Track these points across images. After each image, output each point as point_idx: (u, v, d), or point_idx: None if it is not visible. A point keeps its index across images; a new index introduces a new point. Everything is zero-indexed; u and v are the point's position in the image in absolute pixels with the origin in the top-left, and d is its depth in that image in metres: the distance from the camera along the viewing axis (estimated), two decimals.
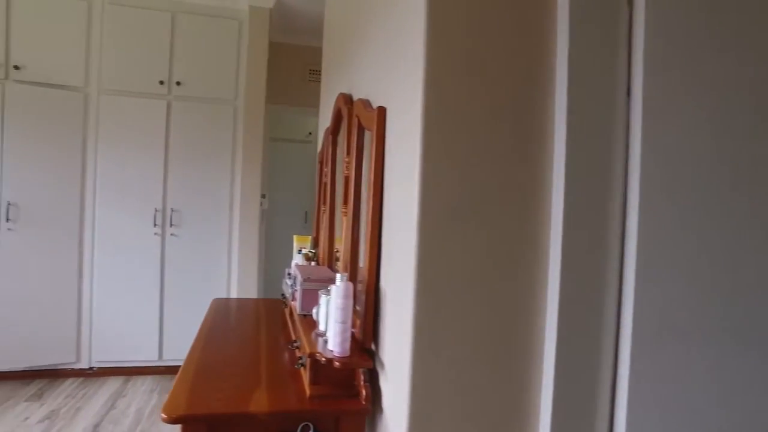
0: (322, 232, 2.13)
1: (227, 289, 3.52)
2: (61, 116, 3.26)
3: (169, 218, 3.41)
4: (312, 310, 1.62)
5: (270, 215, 4.37)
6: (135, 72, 3.37)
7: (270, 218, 4.42)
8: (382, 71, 1.42)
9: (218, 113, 3.48)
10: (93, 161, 3.33)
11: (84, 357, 3.37)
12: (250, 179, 3.50)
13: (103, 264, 3.35)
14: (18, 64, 3.21)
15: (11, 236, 3.19)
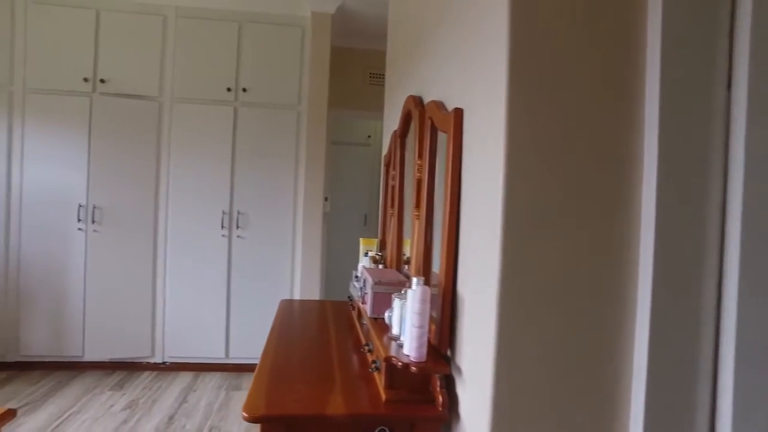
0: (389, 234, 2.13)
1: (290, 290, 3.60)
2: (138, 124, 3.46)
3: (236, 220, 3.53)
4: (383, 313, 1.62)
5: (329, 217, 4.44)
6: (204, 80, 3.52)
7: (329, 220, 4.49)
8: (456, 72, 1.40)
9: (282, 118, 3.57)
10: (166, 166, 3.51)
11: (158, 352, 3.55)
12: (313, 182, 3.56)
13: (174, 264, 3.52)
14: (104, 78, 3.43)
15: (97, 237, 3.42)
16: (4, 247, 3.42)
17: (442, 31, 1.56)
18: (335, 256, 4.60)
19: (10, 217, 3.42)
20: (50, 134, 3.42)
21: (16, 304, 3.44)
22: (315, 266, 3.57)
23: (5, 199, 3.41)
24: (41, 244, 3.43)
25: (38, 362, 3.47)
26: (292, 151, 3.58)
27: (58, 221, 3.43)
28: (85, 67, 3.43)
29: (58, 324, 3.45)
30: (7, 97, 3.41)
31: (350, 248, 5.20)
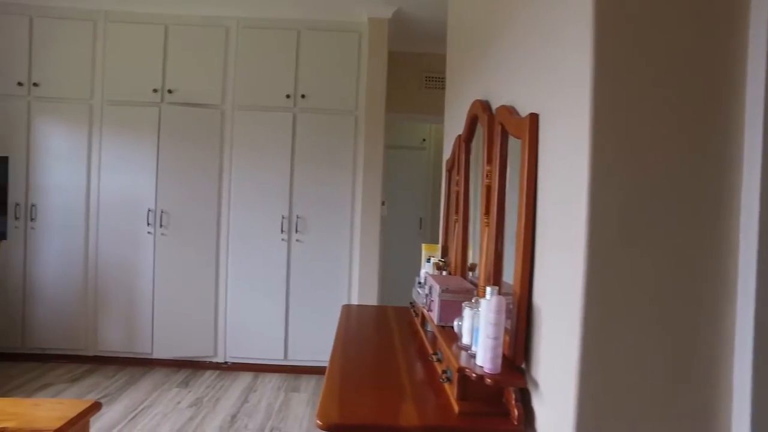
0: (453, 241, 2.09)
1: (347, 294, 3.63)
2: (202, 132, 3.60)
3: (295, 225, 3.60)
4: (451, 321, 1.59)
5: (385, 221, 4.44)
6: (264, 88, 3.62)
7: (385, 224, 4.49)
8: (530, 77, 1.35)
9: (340, 123, 3.62)
10: (228, 172, 3.63)
11: (220, 352, 3.67)
12: (371, 187, 3.58)
13: (236, 267, 3.63)
14: (171, 88, 3.60)
15: (164, 240, 3.59)
16: (83, 249, 3.65)
17: (512, 36, 1.52)
18: (390, 260, 4.59)
19: (89, 221, 3.65)
20: (123, 143, 3.63)
21: (94, 302, 3.66)
22: (372, 270, 3.59)
23: (85, 205, 3.64)
24: (115, 247, 3.64)
25: (113, 357, 3.68)
26: (350, 155, 3.62)
27: (129, 225, 3.62)
28: (154, 79, 3.62)
29: (130, 323, 3.64)
30: (87, 110, 3.64)
31: (405, 252, 5.19)
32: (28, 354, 3.68)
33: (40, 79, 3.64)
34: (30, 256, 3.65)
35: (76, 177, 3.64)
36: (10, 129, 3.64)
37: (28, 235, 3.64)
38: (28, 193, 3.64)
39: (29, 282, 3.66)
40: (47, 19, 3.64)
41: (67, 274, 3.66)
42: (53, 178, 3.64)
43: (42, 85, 3.64)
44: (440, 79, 4.24)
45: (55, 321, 3.66)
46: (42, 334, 3.66)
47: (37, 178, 3.64)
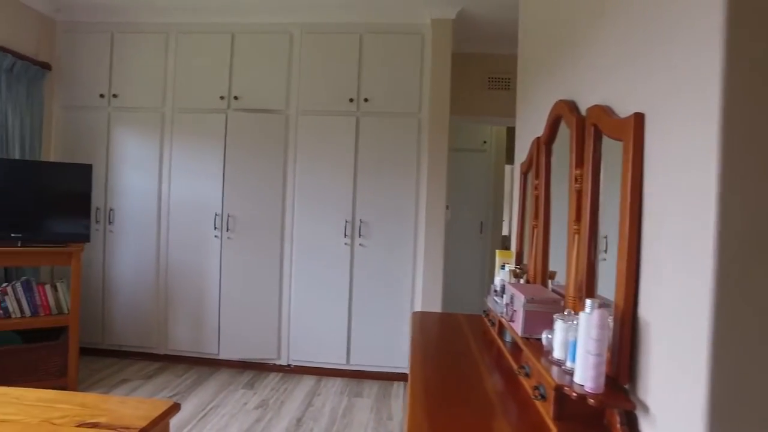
0: (531, 247, 2.00)
1: (411, 299, 3.58)
2: (266, 137, 3.66)
3: (358, 229, 3.59)
4: (536, 333, 1.50)
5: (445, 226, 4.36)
6: (327, 92, 3.64)
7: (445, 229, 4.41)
8: (632, 74, 1.25)
9: (403, 127, 3.58)
10: (292, 176, 3.68)
11: (283, 354, 3.71)
12: (436, 191, 3.52)
13: (299, 270, 3.67)
14: (237, 95, 3.70)
15: (230, 244, 3.68)
16: (155, 251, 3.81)
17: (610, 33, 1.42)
18: (451, 265, 4.51)
19: (160, 224, 3.80)
20: (192, 149, 3.76)
21: (165, 303, 3.80)
22: (437, 276, 3.52)
23: (157, 209, 3.80)
24: (184, 250, 3.77)
25: (182, 356, 3.80)
26: (413, 159, 3.57)
27: (197, 229, 3.74)
28: (221, 86, 3.72)
29: (198, 323, 3.76)
30: (159, 118, 3.80)
31: (466, 257, 5.09)
32: (107, 350, 3.88)
33: (118, 91, 3.84)
34: (108, 258, 3.85)
35: (149, 182, 3.80)
36: (93, 138, 3.86)
37: (106, 237, 3.84)
38: (107, 198, 3.84)
39: (107, 282, 3.86)
40: (126, 34, 3.84)
41: (140, 275, 3.82)
42: (129, 183, 3.83)
43: (120, 96, 3.84)
44: (504, 80, 4.14)
45: (130, 320, 3.83)
46: (119, 332, 3.85)
47: (115, 184, 3.84)
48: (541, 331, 1.53)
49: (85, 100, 3.88)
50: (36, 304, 3.16)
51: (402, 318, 3.58)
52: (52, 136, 3.93)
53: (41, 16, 3.79)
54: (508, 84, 4.17)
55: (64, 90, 3.92)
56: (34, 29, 3.75)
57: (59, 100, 3.93)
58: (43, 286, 3.19)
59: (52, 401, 1.72)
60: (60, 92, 3.93)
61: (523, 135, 2.50)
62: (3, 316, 3.08)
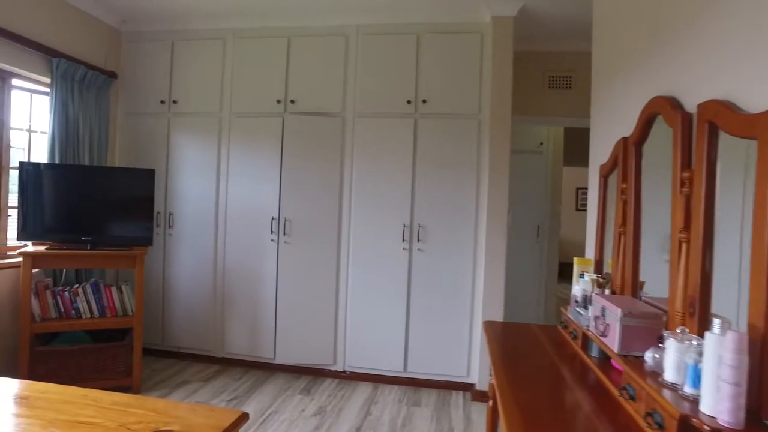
0: (618, 255, 1.85)
1: (470, 308, 3.46)
2: (323, 141, 3.64)
3: (416, 233, 3.51)
4: (637, 350, 1.37)
5: None
6: (384, 94, 3.58)
7: None
8: (761, 66, 1.11)
9: (462, 128, 3.47)
10: (349, 179, 3.63)
11: (339, 360, 3.67)
12: (497, 194, 3.38)
13: (356, 275, 3.61)
14: (293, 98, 3.70)
15: (286, 248, 3.67)
16: (212, 255, 3.85)
17: (727, 22, 1.27)
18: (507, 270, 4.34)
19: (218, 228, 3.84)
20: (249, 153, 3.78)
21: (222, 306, 3.84)
22: (498, 283, 3.38)
23: (214, 213, 3.84)
24: (240, 254, 3.79)
25: (238, 360, 3.83)
26: (473, 162, 3.45)
27: (254, 233, 3.75)
28: (277, 90, 3.73)
29: (254, 327, 3.77)
30: (217, 123, 3.85)
31: (523, 262, 4.92)
32: (167, 351, 3.95)
33: (178, 97, 3.92)
34: (168, 261, 3.93)
35: (207, 187, 3.85)
36: (154, 144, 3.95)
37: (166, 241, 3.92)
38: (167, 202, 3.92)
39: (167, 284, 3.94)
40: (185, 41, 3.91)
41: (198, 278, 3.88)
42: (187, 187, 3.89)
43: (179, 102, 3.92)
44: (565, 78, 3.96)
45: (188, 322, 3.89)
46: (178, 334, 3.91)
47: (174, 188, 3.92)
48: (640, 348, 1.40)
49: (146, 107, 3.99)
50: (103, 306, 3.24)
51: (461, 326, 3.47)
52: (116, 142, 4.06)
53: (109, 27, 3.92)
54: (569, 82, 3.99)
55: (127, 97, 4.04)
56: (103, 40, 3.88)
57: (123, 107, 4.05)
58: (109, 288, 3.27)
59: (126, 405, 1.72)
60: (124, 99, 4.05)
61: (602, 135, 2.34)
62: (75, 316, 3.18)
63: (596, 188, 2.30)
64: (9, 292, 3.17)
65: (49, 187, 3.22)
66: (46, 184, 3.21)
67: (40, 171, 3.20)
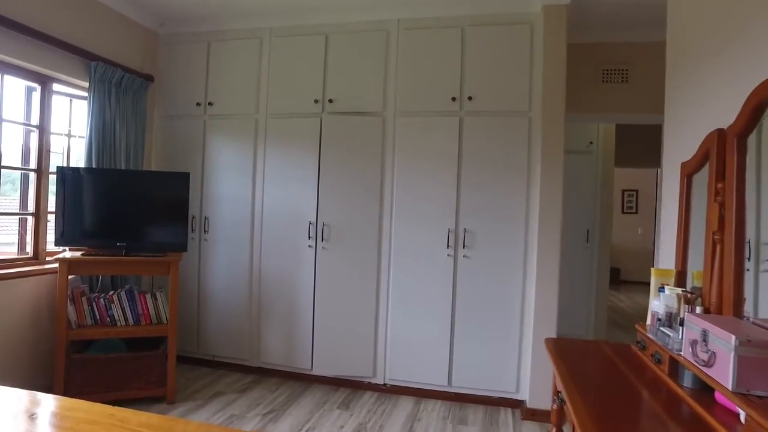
0: (713, 266, 1.59)
1: (520, 319, 3.21)
2: (362, 141, 3.46)
3: (462, 239, 3.29)
4: (762, 389, 1.12)
5: None
6: (427, 91, 3.38)
7: None
8: None
9: (511, 126, 3.23)
10: (390, 182, 3.45)
11: (379, 373, 3.48)
12: (550, 197, 3.12)
13: (397, 283, 3.42)
14: (332, 98, 3.55)
15: (325, 254, 3.51)
16: (248, 260, 3.73)
17: None
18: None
19: (254, 233, 3.72)
20: (285, 156, 3.65)
21: (258, 314, 3.72)
22: (551, 293, 3.12)
23: (250, 217, 3.72)
24: (277, 260, 3.66)
25: (274, 370, 3.69)
26: (523, 162, 3.21)
27: (291, 238, 3.61)
28: (315, 90, 3.59)
29: (291, 336, 3.62)
30: (253, 124, 3.74)
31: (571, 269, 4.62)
32: (202, 359, 3.86)
33: (214, 99, 3.83)
34: (203, 266, 3.84)
35: (243, 191, 3.74)
36: (190, 147, 3.88)
37: (201, 246, 3.83)
38: (202, 206, 3.83)
39: (202, 291, 3.84)
40: (221, 42, 3.83)
41: (233, 285, 3.77)
42: (223, 191, 3.79)
43: (215, 104, 3.83)
44: (621, 72, 3.68)
45: (223, 330, 3.79)
46: (213, 342, 3.81)
47: (210, 192, 3.82)
48: (764, 386, 1.15)
49: (182, 109, 3.92)
50: (138, 313, 3.16)
51: (510, 337, 3.22)
52: (153, 145, 4.01)
53: (146, 30, 3.88)
54: (625, 76, 3.70)
55: (164, 100, 3.99)
56: (140, 43, 3.83)
57: (160, 110, 4.00)
58: (144, 295, 3.18)
59: (155, 428, 1.58)
60: (160, 102, 4.00)
61: (684, 129, 2.08)
62: (110, 323, 3.11)
63: (675, 189, 2.03)
64: (47, 297, 3.13)
65: (85, 192, 3.17)
66: (82, 188, 3.16)
67: (77, 175, 3.15)
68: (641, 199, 9.45)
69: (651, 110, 3.60)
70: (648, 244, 9.51)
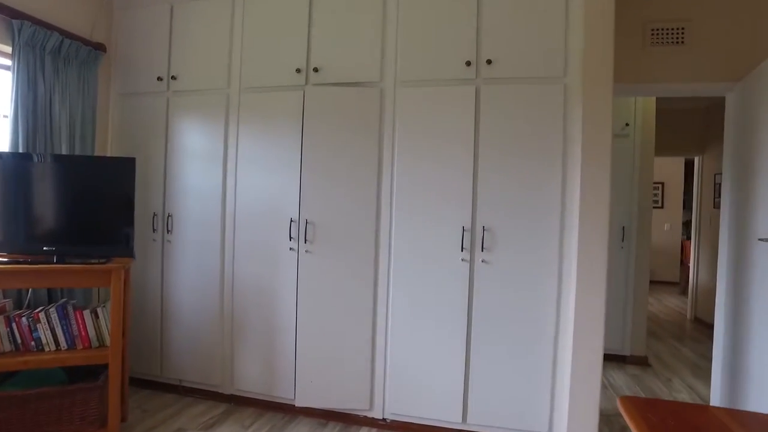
0: None
1: (554, 341, 2.53)
2: (355, 119, 2.79)
3: (480, 240, 2.61)
4: None
5: None
6: (435, 55, 2.70)
7: None
8: None
9: (542, 97, 2.54)
10: (389, 169, 2.78)
11: (377, 406, 2.81)
12: (596, 187, 2.43)
13: (400, 294, 2.75)
14: (317, 66, 2.88)
15: (308, 259, 2.85)
16: (220, 266, 3.08)
17: None
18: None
19: (225, 232, 3.07)
20: (262, 138, 2.99)
21: (231, 331, 3.07)
22: (597, 309, 2.43)
23: (221, 214, 3.07)
24: (254, 266, 3.00)
25: (251, 399, 3.04)
26: (558, 142, 2.52)
27: (269, 239, 2.96)
28: (297, 57, 2.92)
29: (270, 358, 2.97)
30: (224, 101, 3.08)
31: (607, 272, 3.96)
32: (166, 384, 3.22)
33: (178, 72, 3.18)
34: (167, 274, 3.19)
35: (212, 181, 3.09)
36: (151, 129, 3.22)
37: (165, 249, 3.19)
38: (165, 201, 3.18)
39: (167, 303, 3.20)
40: (186, 3, 3.16)
41: (202, 295, 3.12)
42: (189, 183, 3.14)
43: (180, 78, 3.17)
44: (675, 31, 2.98)
45: (191, 350, 3.14)
46: (179, 364, 3.17)
47: (174, 184, 3.17)
48: None
49: (142, 85, 3.27)
50: (73, 335, 2.51)
51: (541, 363, 2.54)
52: (108, 127, 3.36)
53: None
54: (680, 36, 3.00)
55: (120, 74, 3.34)
56: (88, 6, 3.18)
57: (116, 86, 3.35)
58: (81, 312, 2.53)
59: None
60: (116, 77, 3.35)
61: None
62: (35, 348, 2.46)
63: None
64: None
65: (3, 183, 2.51)
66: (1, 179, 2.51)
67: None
68: (667, 192, 8.72)
69: (713, 78, 2.91)
70: (675, 242, 8.79)
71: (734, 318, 2.78)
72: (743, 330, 2.61)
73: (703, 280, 5.77)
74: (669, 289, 8.32)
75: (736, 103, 2.90)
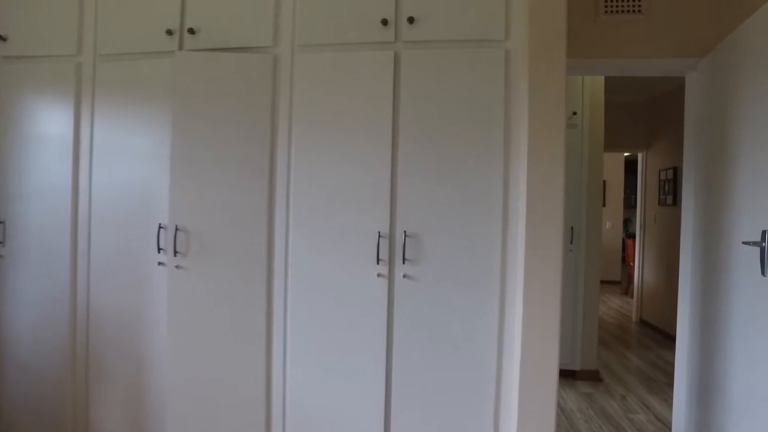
0: None
1: (496, 373, 1.99)
2: (241, 93, 2.15)
3: (401, 249, 2.03)
4: None
5: None
6: (343, 12, 2.11)
7: None
8: None
9: (478, 64, 2.00)
10: (285, 160, 2.15)
11: None
12: (547, 180, 1.91)
13: (299, 320, 2.13)
14: (193, 27, 2.22)
15: (183, 277, 2.17)
16: (70, 287, 2.34)
17: None
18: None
19: (77, 244, 2.34)
20: (123, 119, 2.29)
21: (85, 370, 2.34)
22: (549, 327, 1.91)
23: (71, 219, 2.34)
24: (113, 286, 2.30)
25: None
26: (498, 123, 1.98)
27: (132, 251, 2.27)
28: (168, 16, 2.25)
29: (136, 406, 2.27)
30: (75, 71, 2.35)
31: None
32: None
33: (10, 31, 2.41)
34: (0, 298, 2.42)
35: (59, 177, 2.36)
36: None
37: None
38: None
39: None
40: None
41: (46, 325, 2.37)
42: (28, 180, 2.38)
43: (13, 40, 2.41)
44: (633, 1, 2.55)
45: (31, 398, 2.39)
46: (13, 417, 2.40)
47: (8, 182, 2.40)
48: None
49: None
50: None
51: (482, 401, 2.00)
52: None
53: None
54: (638, 4, 2.56)
55: None
56: None
57: None
58: None
59: None
60: None
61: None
62: None
63: None
64: None
65: None
66: None
67: None
68: (609, 190, 8.61)
69: (675, 53, 2.50)
70: (617, 240, 8.70)
71: (704, 330, 2.37)
72: (718, 345, 2.19)
73: (649, 281, 5.54)
74: (611, 289, 8.18)
75: (699, 84, 2.49)
